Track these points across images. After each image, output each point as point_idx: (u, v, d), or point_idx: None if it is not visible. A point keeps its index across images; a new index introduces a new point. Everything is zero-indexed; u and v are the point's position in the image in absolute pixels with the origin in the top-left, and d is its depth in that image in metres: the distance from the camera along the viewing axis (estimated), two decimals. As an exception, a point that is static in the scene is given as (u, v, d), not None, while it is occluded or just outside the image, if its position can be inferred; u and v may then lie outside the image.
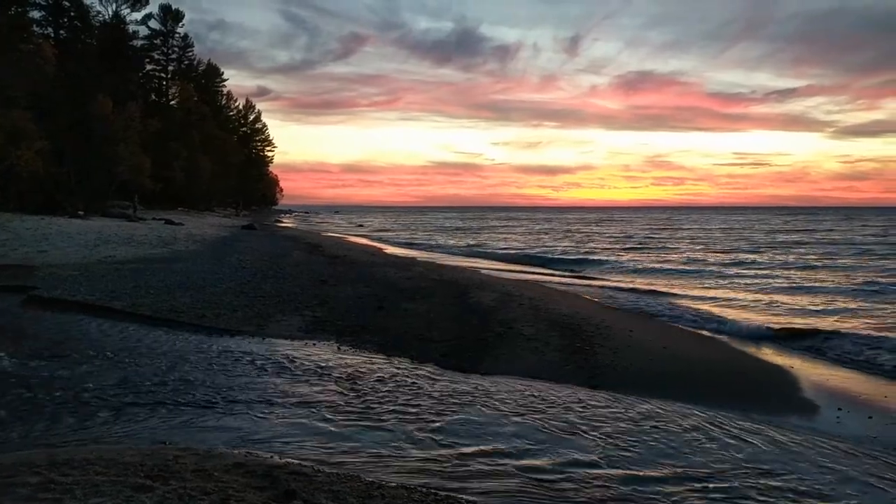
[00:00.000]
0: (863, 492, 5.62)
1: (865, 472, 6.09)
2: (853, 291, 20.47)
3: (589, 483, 5.50)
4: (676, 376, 9.60)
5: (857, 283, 22.44)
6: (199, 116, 72.54)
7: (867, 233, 61.02)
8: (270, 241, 35.42)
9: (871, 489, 5.70)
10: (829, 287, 21.70)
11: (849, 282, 22.97)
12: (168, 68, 79.15)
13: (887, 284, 21.68)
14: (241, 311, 12.89)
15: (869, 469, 6.18)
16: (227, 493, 4.44)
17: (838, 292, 20.43)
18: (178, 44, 79.90)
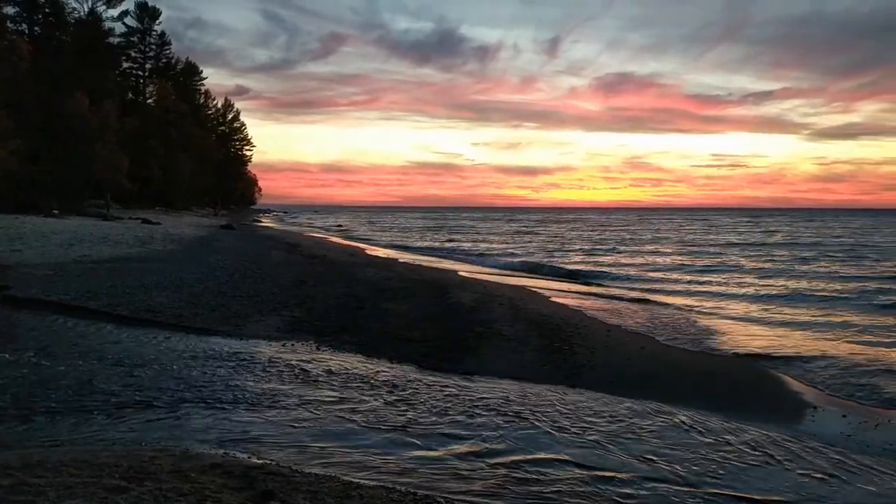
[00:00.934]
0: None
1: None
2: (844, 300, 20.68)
3: (565, 481, 5.52)
4: (654, 376, 9.65)
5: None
6: (176, 115, 71.86)
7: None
8: (249, 241, 35.21)
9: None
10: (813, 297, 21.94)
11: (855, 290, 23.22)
12: (145, 66, 78.41)
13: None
14: (219, 310, 12.80)
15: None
16: (203, 494, 4.39)
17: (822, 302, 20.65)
18: (156, 41, 79.21)
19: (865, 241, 52.11)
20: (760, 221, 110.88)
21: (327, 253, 29.28)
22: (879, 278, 25.19)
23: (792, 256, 36.35)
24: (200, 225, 48.12)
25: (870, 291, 21.15)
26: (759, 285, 23.13)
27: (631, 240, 53.94)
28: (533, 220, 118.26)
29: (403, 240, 53.54)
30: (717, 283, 24.26)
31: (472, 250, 41.15)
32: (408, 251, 39.98)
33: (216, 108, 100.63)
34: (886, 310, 17.54)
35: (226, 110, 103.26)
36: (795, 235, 61.03)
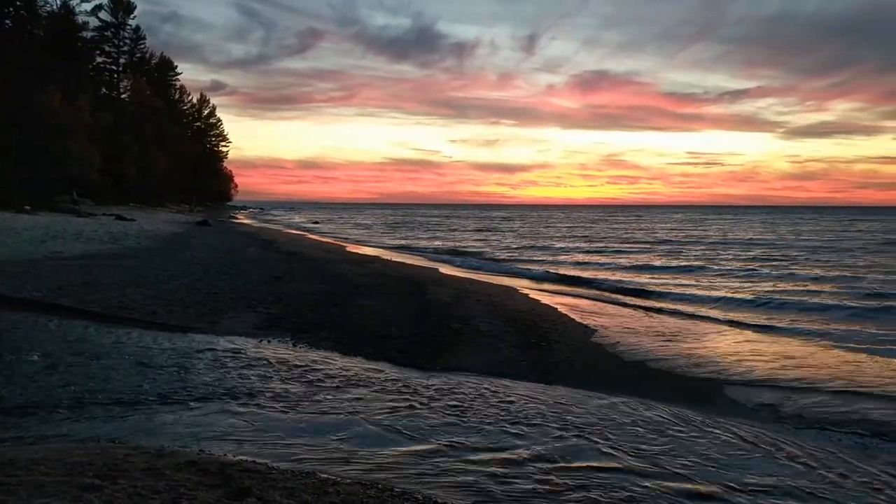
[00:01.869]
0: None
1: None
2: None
3: (540, 476, 5.54)
4: (630, 372, 9.72)
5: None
6: (151, 110, 71.11)
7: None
8: (225, 238, 34.95)
9: None
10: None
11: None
12: (119, 61, 77.49)
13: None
14: (194, 307, 12.68)
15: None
16: (178, 492, 4.35)
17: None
18: (130, 36, 78.33)
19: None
20: (738, 219, 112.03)
21: (303, 249, 29.15)
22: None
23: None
24: (175, 221, 47.69)
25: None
26: (739, 287, 23.39)
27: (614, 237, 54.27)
28: (503, 217, 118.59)
29: (381, 236, 53.51)
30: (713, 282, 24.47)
31: (449, 248, 41.17)
32: (384, 248, 39.93)
33: (192, 104, 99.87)
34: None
35: (201, 106, 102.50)
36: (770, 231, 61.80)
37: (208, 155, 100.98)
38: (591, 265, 29.14)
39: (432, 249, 39.53)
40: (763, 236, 54.12)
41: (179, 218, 54.71)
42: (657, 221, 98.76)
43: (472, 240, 49.77)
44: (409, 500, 4.84)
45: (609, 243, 44.57)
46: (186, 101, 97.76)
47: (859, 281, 22.84)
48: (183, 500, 4.22)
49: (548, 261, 31.67)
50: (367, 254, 31.49)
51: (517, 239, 51.28)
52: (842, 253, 36.55)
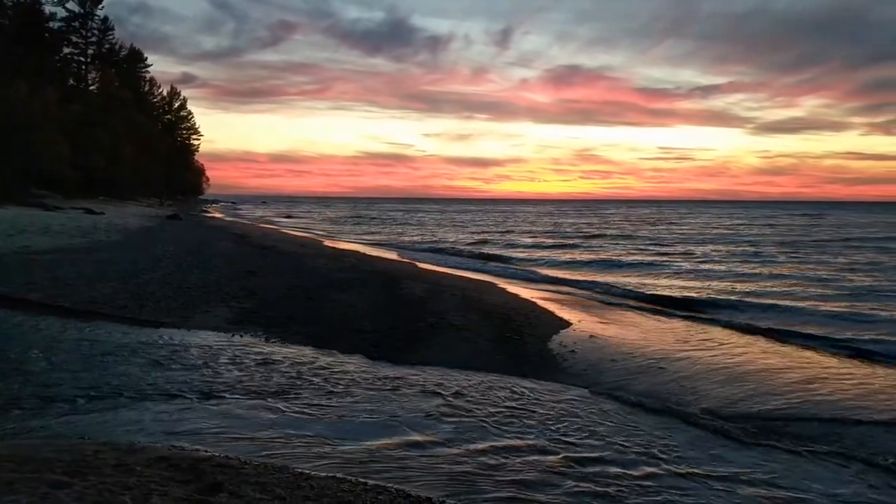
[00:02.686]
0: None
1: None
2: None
3: (511, 468, 5.58)
4: (603, 365, 9.79)
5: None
6: (121, 103, 70.03)
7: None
8: (196, 232, 34.61)
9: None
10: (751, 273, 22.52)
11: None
12: (87, 52, 76.08)
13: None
14: (165, 302, 12.55)
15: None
16: (149, 488, 4.32)
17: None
18: (98, 27, 76.83)
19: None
20: (707, 212, 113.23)
21: (277, 243, 28.95)
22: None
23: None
24: (146, 215, 47.09)
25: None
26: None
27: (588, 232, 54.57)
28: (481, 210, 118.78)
29: (354, 231, 53.36)
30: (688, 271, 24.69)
31: (423, 242, 41.17)
32: (358, 242, 39.82)
33: (162, 97, 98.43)
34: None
35: (172, 98, 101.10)
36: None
37: (179, 148, 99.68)
38: (574, 263, 29.10)
39: (406, 244, 39.55)
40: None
41: (150, 212, 54.00)
42: (667, 219, 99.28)
43: (447, 234, 49.81)
44: (382, 494, 4.85)
45: (601, 240, 44.34)
46: (156, 93, 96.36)
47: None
48: (154, 496, 4.19)
49: (522, 255, 31.77)
50: (340, 248, 31.37)
51: (490, 233, 51.46)
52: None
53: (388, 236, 46.57)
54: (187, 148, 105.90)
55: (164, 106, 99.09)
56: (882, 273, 23.62)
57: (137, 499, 4.12)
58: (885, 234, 49.63)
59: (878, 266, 26.06)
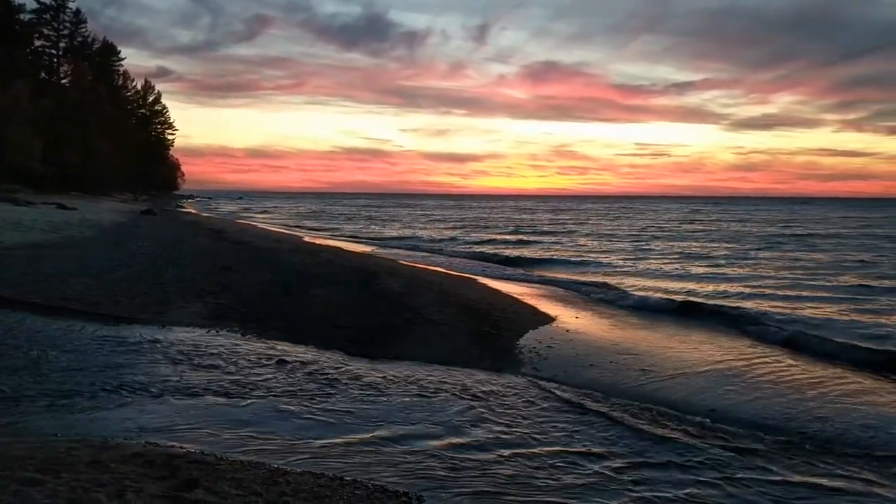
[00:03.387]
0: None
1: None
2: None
3: (484, 461, 5.61)
4: (577, 358, 9.85)
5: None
6: (94, 96, 69.06)
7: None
8: (171, 227, 34.28)
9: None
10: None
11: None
12: (59, 45, 74.93)
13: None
14: (140, 298, 12.42)
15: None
16: (123, 485, 4.28)
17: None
18: (70, 19, 75.73)
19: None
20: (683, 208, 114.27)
21: (253, 239, 28.75)
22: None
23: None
24: (120, 210, 46.51)
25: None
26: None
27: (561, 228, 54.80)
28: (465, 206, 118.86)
29: (332, 225, 53.17)
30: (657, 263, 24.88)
31: (400, 237, 41.14)
32: (335, 237, 39.69)
33: (136, 90, 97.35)
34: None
35: (146, 92, 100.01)
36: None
37: (154, 143, 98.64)
38: (555, 260, 29.17)
39: (384, 238, 39.51)
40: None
41: (124, 207, 53.35)
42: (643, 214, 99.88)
43: (424, 229, 49.81)
44: (359, 489, 4.85)
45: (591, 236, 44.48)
46: (130, 87, 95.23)
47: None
48: (128, 493, 4.15)
49: (498, 250, 31.86)
50: (317, 243, 31.23)
51: (467, 228, 51.56)
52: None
53: (365, 231, 46.45)
54: (162, 143, 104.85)
55: (138, 100, 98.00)
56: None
57: (112, 496, 4.09)
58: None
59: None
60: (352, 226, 53.83)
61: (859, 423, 7.23)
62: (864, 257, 28.20)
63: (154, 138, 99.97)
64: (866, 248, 33.26)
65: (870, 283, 19.79)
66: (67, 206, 40.70)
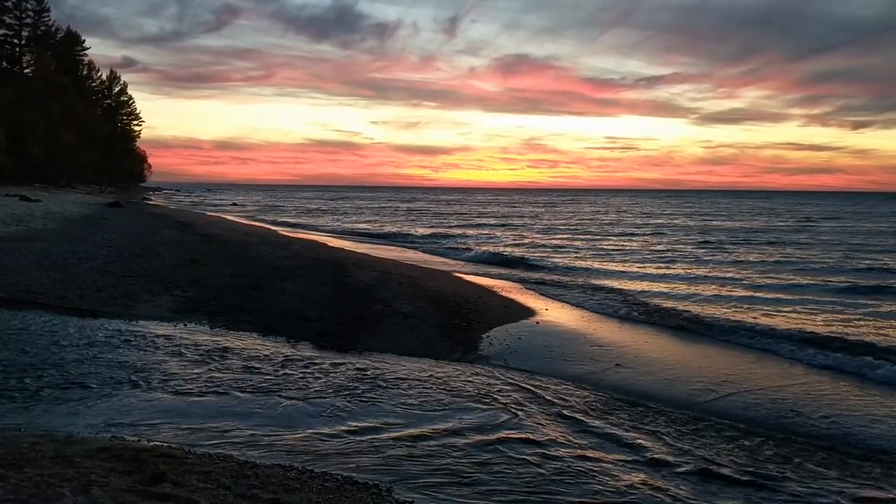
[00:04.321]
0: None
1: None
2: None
3: (448, 449, 5.63)
4: (547, 350, 9.91)
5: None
6: (58, 87, 67.74)
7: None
8: (138, 220, 33.81)
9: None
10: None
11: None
12: (21, 34, 73.38)
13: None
14: (106, 291, 12.25)
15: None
16: (89, 479, 4.23)
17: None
18: (33, 7, 74.22)
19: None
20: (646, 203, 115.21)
21: (221, 231, 28.48)
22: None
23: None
24: (85, 203, 45.74)
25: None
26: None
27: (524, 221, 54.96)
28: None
29: (301, 218, 52.79)
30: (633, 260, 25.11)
31: (372, 230, 40.99)
32: (305, 229, 39.44)
33: (101, 81, 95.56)
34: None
35: (111, 83, 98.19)
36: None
37: (120, 134, 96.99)
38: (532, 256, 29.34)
39: (356, 231, 39.33)
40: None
41: (89, 199, 52.46)
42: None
43: (396, 221, 49.66)
44: (329, 481, 4.84)
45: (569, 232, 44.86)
46: (95, 77, 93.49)
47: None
48: (94, 488, 4.10)
49: (469, 242, 31.89)
50: (286, 235, 31.02)
51: (440, 220, 51.56)
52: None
53: (337, 222, 46.20)
54: (128, 134, 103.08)
55: (103, 90, 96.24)
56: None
57: (77, 490, 4.03)
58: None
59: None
60: (321, 218, 53.50)
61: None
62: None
63: (120, 129, 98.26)
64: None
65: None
66: (31, 198, 39.96)
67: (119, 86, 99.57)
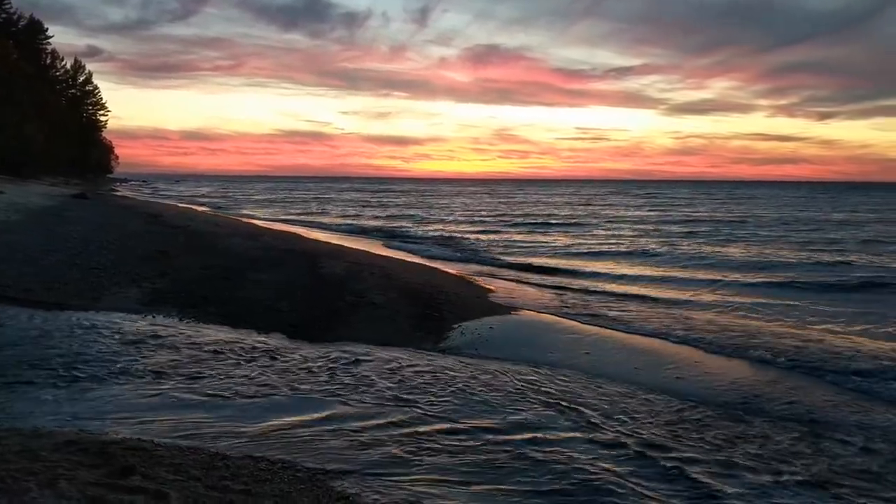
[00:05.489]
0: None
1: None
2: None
3: (418, 437, 5.66)
4: (521, 340, 9.97)
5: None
6: (21, 76, 66.28)
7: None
8: (105, 211, 33.29)
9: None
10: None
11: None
12: (-18, 22, 71.75)
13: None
14: (74, 284, 12.06)
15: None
16: (55, 473, 4.17)
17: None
18: (-6, -5, 72.56)
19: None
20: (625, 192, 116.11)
21: (190, 223, 28.14)
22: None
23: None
24: (50, 194, 44.90)
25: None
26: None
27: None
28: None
29: (273, 209, 52.41)
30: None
31: (343, 221, 40.83)
32: (276, 220, 39.15)
33: (65, 70, 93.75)
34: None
35: (76, 72, 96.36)
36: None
37: (85, 125, 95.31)
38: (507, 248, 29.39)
39: (327, 222, 39.13)
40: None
41: (54, 191, 51.49)
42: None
43: (367, 214, 49.45)
44: (300, 471, 4.84)
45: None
46: (59, 66, 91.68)
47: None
48: (61, 481, 4.05)
49: (441, 233, 31.91)
50: (257, 226, 30.77)
51: (410, 210, 51.50)
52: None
53: (307, 214, 45.91)
54: (94, 124, 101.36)
55: (67, 80, 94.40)
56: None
57: (43, 484, 3.98)
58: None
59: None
60: (292, 209, 53.12)
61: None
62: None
63: (86, 120, 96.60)
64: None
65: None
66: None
67: (84, 75, 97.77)
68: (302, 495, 4.43)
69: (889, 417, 7.02)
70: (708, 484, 5.13)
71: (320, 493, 4.51)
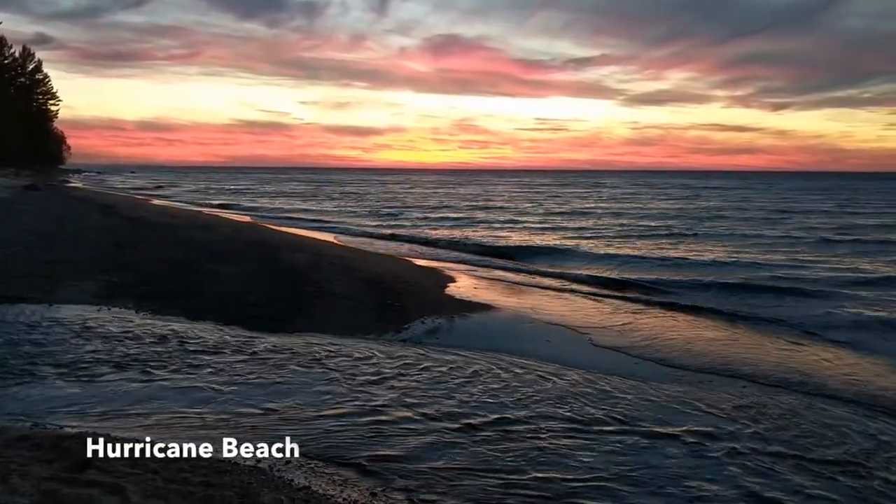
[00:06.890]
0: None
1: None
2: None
3: (376, 425, 5.69)
4: (483, 328, 10.03)
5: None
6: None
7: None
8: (58, 203, 32.55)
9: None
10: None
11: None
12: (-75, 7, 69.33)
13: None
14: (30, 277, 11.79)
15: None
16: (8, 469, 4.10)
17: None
18: (-62, -21, 70.12)
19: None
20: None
21: (147, 214, 27.71)
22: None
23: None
24: (0, 185, 43.80)
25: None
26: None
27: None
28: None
29: (231, 199, 51.79)
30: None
31: (304, 213, 40.51)
32: (235, 211, 38.73)
33: (14, 58, 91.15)
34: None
35: (25, 60, 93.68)
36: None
37: (35, 114, 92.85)
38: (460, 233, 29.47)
39: (286, 213, 38.78)
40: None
41: (4, 182, 50.17)
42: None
43: (331, 205, 49.04)
44: (260, 461, 4.82)
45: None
46: (7, 54, 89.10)
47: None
48: (13, 476, 3.98)
49: (403, 224, 31.88)
50: (215, 217, 30.40)
51: (370, 202, 51.34)
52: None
53: (267, 204, 45.43)
54: (44, 114, 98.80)
55: (16, 68, 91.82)
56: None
57: (-5, 480, 3.91)
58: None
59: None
60: (255, 201, 52.51)
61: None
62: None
63: (35, 109, 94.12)
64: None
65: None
66: (-60, 181, 37.98)
67: (33, 63, 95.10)
68: (262, 486, 4.42)
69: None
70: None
71: (280, 484, 4.51)
